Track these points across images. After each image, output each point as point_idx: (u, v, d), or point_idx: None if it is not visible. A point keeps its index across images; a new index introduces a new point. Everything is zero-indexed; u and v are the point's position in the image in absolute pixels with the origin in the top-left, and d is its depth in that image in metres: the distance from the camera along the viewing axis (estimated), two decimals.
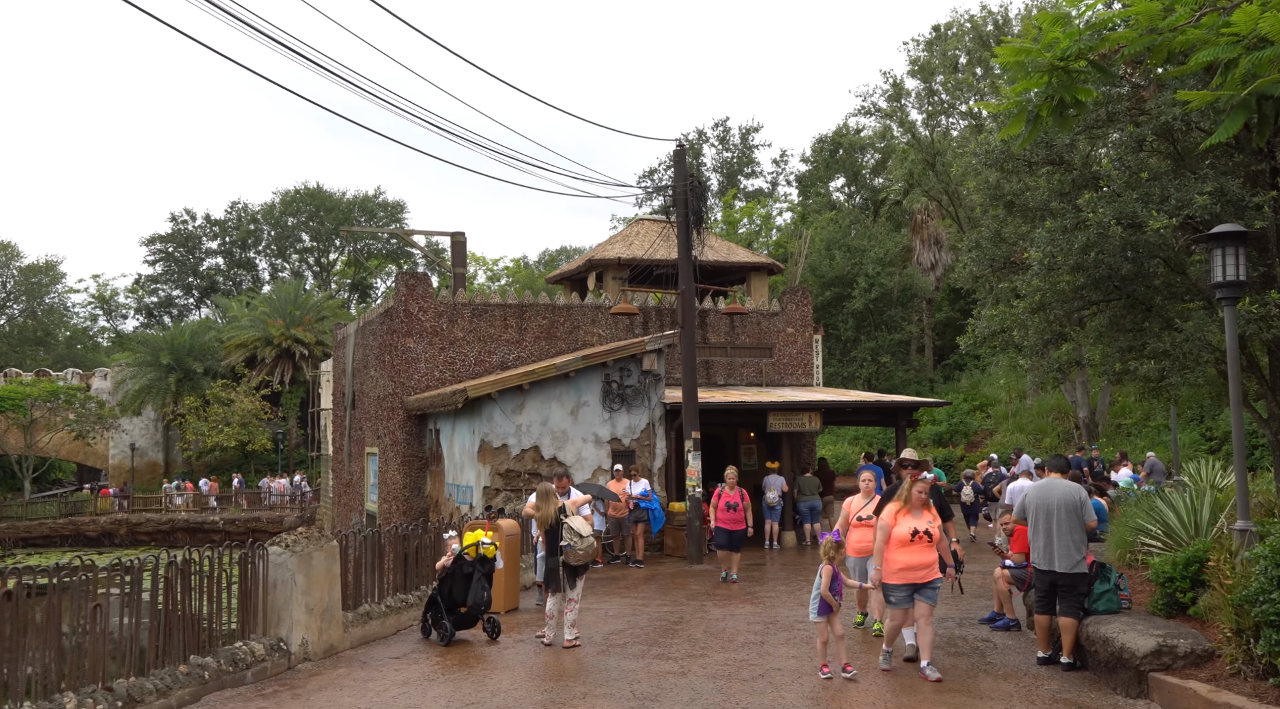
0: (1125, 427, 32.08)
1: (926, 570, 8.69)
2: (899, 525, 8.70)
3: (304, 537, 9.31)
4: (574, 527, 10.15)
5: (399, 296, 22.85)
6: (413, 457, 22.93)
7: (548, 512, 10.33)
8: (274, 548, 9.09)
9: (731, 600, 13.39)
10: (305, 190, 67.50)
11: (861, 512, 10.06)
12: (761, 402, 20.83)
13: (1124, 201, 10.98)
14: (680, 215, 18.14)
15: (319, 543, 9.42)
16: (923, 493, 8.83)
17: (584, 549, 10.12)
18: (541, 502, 10.43)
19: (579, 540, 10.10)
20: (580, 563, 10.20)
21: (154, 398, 52.84)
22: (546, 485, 10.65)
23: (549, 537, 10.32)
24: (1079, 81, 6.55)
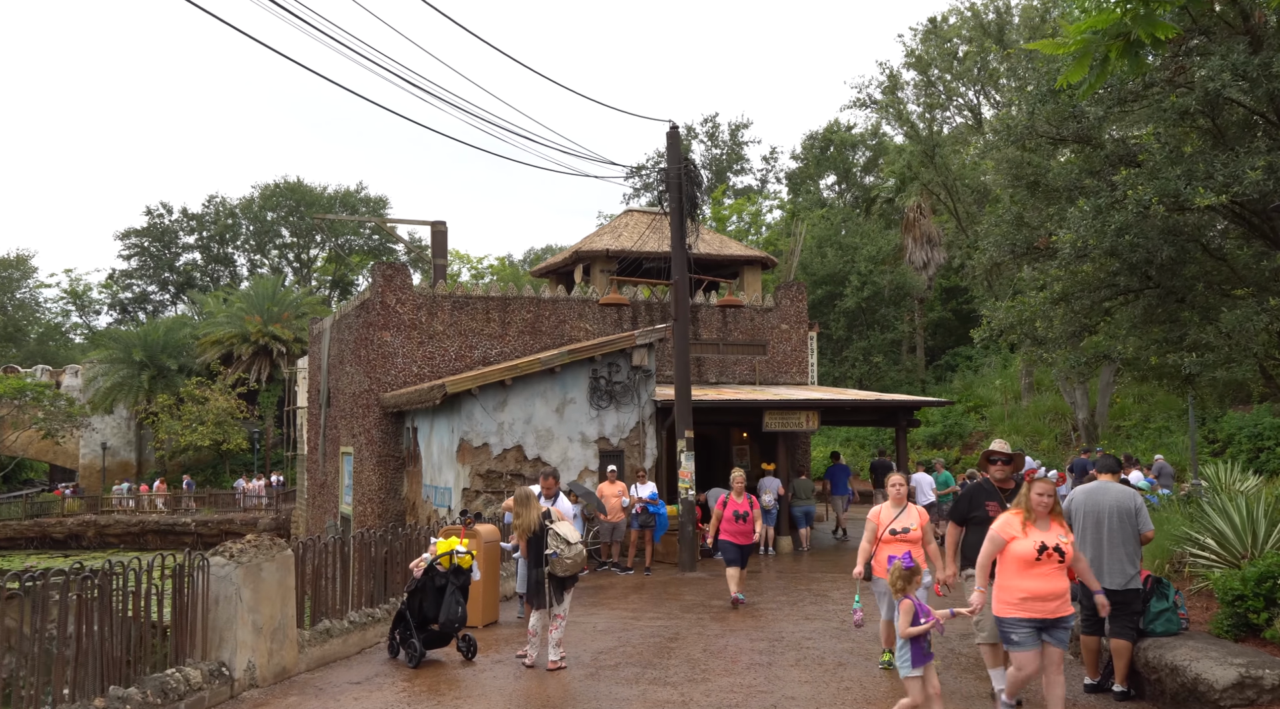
0: (1124, 429, 31.20)
1: (1058, 602, 6.58)
2: (1021, 539, 6.59)
3: (252, 545, 8.18)
4: (561, 533, 9.06)
5: (375, 288, 21.71)
6: (389, 456, 21.79)
7: (529, 518, 9.23)
8: (216, 559, 7.96)
9: (729, 614, 12.32)
10: (285, 184, 66.08)
11: (895, 524, 8.43)
12: (757, 400, 19.79)
13: (1166, 178, 9.98)
14: (674, 200, 17.08)
15: (269, 552, 8.29)
16: (1047, 497, 6.65)
17: (572, 558, 9.04)
18: (521, 507, 9.32)
19: (566, 548, 9.01)
20: (568, 574, 9.11)
21: (126, 396, 51.42)
22: (527, 489, 9.54)
23: (532, 545, 9.23)
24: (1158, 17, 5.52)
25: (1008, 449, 8.33)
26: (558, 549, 8.99)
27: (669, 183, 17.10)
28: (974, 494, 8.15)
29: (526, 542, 9.29)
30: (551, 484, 10.55)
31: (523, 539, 9.35)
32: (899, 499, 8.61)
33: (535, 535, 9.18)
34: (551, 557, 9.00)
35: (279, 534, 40.28)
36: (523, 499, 9.35)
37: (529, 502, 9.32)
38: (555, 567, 9.01)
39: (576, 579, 9.38)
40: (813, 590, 14.43)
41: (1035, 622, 6.56)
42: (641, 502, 16.46)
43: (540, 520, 9.20)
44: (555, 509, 9.53)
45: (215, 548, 8.16)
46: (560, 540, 9.02)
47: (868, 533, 8.62)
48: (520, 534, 9.34)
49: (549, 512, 9.38)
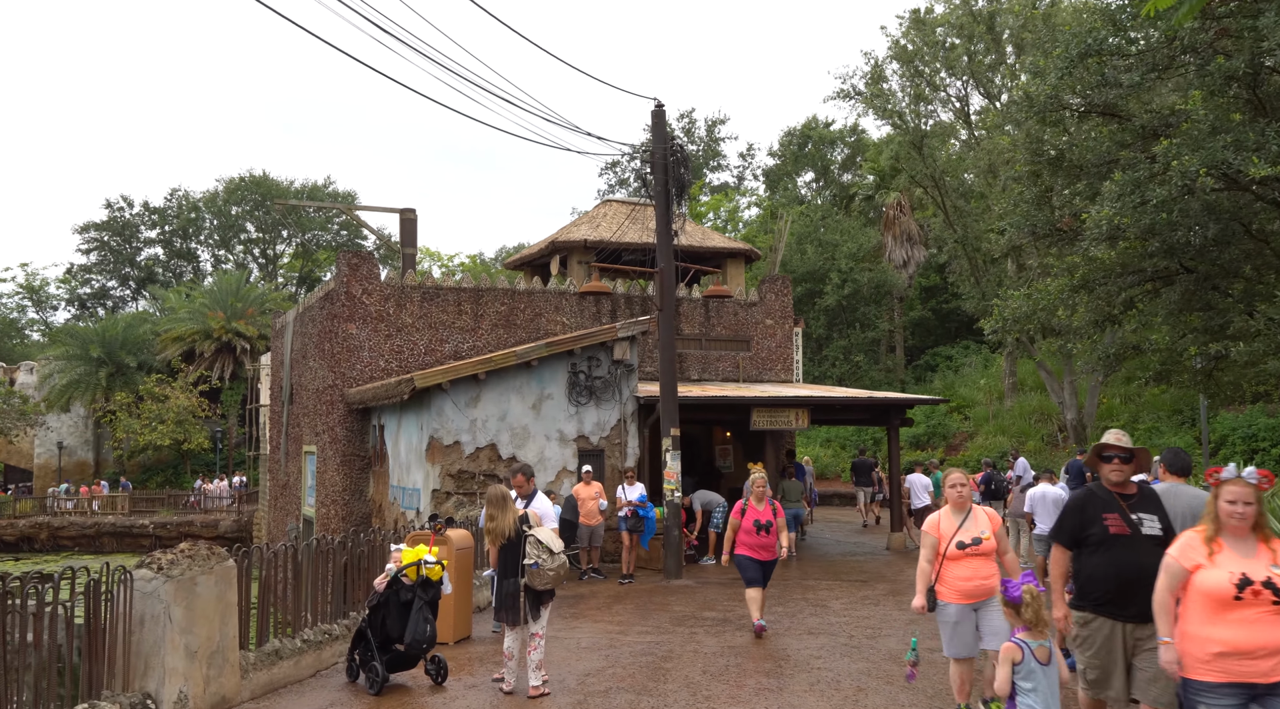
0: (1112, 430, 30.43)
1: (1271, 659, 4.67)
2: (1210, 570, 4.84)
3: (185, 555, 7.03)
4: (542, 540, 7.97)
5: (340, 277, 20.49)
6: (354, 455, 20.57)
7: (504, 522, 8.12)
8: (141, 572, 6.79)
9: (725, 628, 11.26)
10: (251, 178, 64.37)
11: (963, 534, 6.76)
12: (745, 397, 18.76)
13: (1212, 148, 9.03)
14: (659, 182, 16.02)
15: (206, 563, 7.14)
16: (1245, 507, 4.84)
17: (554, 569, 7.94)
18: (496, 509, 8.19)
19: (548, 557, 7.91)
20: (547, 587, 8.03)
21: (83, 393, 49.72)
22: (501, 488, 8.35)
23: (506, 554, 8.12)
24: None
25: (1127, 442, 6.28)
26: (538, 559, 7.90)
27: (654, 164, 16.05)
28: (1085, 505, 6.15)
29: (499, 549, 8.19)
30: (523, 482, 9.40)
31: (495, 546, 8.24)
32: (960, 502, 6.91)
33: (511, 542, 8.09)
34: (531, 568, 7.91)
35: (241, 537, 38.93)
36: (497, 500, 8.24)
37: (504, 503, 8.22)
38: (534, 579, 7.92)
39: (554, 593, 8.29)
40: (810, 600, 13.42)
41: (1239, 688, 4.72)
42: (631, 504, 15.34)
43: (517, 525, 8.12)
44: (533, 512, 8.42)
45: (142, 558, 6.99)
46: (541, 549, 7.93)
47: (927, 549, 6.88)
48: (493, 540, 8.23)
49: (526, 516, 8.28)
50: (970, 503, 6.97)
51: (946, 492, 7.01)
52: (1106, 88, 10.07)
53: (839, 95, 30.46)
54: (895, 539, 20.00)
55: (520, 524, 8.12)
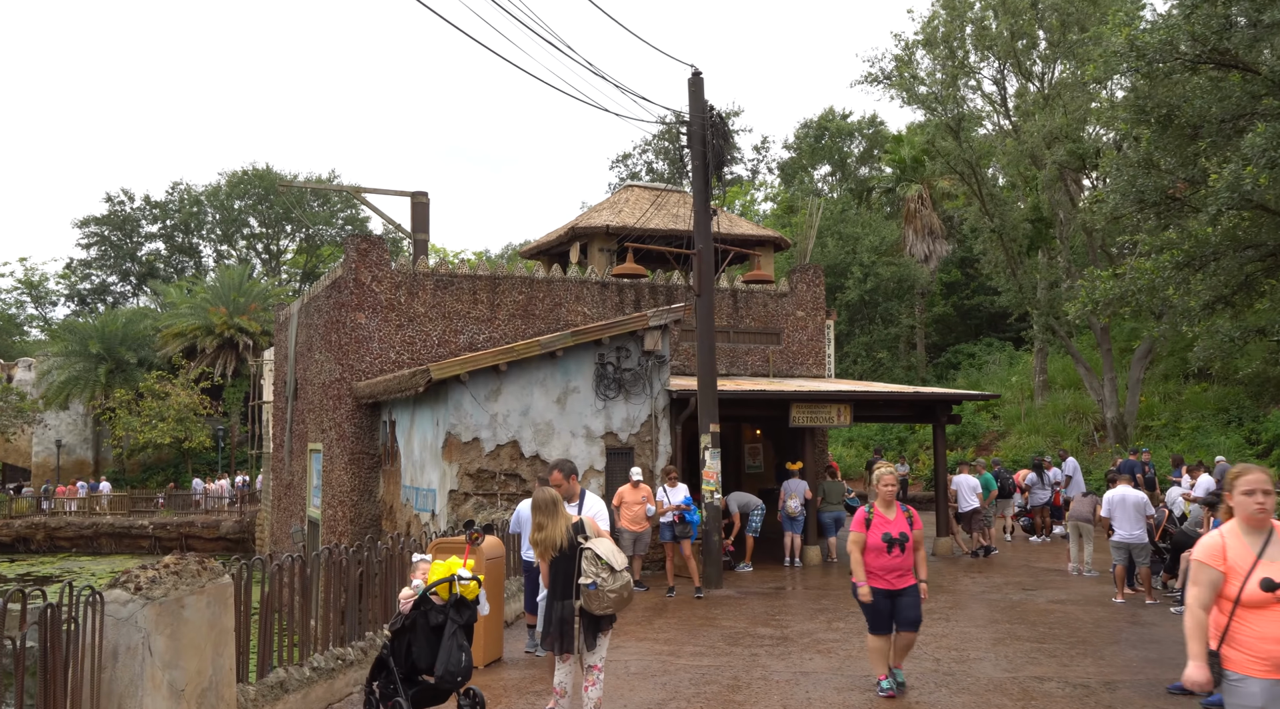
0: (1154, 429, 29.12)
1: None
2: None
3: (170, 571, 5.73)
4: (600, 554, 6.65)
5: (348, 263, 19.21)
6: (363, 453, 19.28)
7: (554, 532, 6.82)
8: (115, 593, 5.49)
9: (789, 649, 9.95)
10: (254, 172, 63.07)
11: (1271, 569, 4.37)
12: (784, 391, 17.45)
13: None
14: (696, 157, 14.72)
15: (195, 581, 5.84)
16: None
17: (616, 590, 6.61)
18: (545, 516, 6.88)
19: (608, 576, 6.59)
20: (607, 611, 6.70)
21: (82, 390, 48.47)
22: (551, 492, 7.03)
23: (557, 569, 6.83)
24: None
25: None
26: (596, 578, 6.59)
27: (691, 135, 14.75)
28: None
29: (550, 563, 6.89)
30: (562, 481, 7.92)
31: (545, 560, 6.94)
32: (1259, 520, 4.51)
33: (563, 556, 6.79)
34: (588, 589, 6.60)
35: (243, 538, 37.67)
36: (546, 506, 6.93)
37: (554, 510, 6.91)
38: (591, 602, 6.60)
39: (615, 618, 6.98)
40: None
41: None
42: (675, 509, 13.93)
43: (570, 536, 6.82)
44: (589, 519, 7.09)
45: (117, 576, 5.69)
46: (600, 566, 6.61)
47: (1203, 589, 4.55)
48: (542, 553, 6.93)
49: (581, 523, 6.97)
50: (1272, 520, 4.55)
51: (1238, 502, 4.60)
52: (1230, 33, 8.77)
53: (866, 79, 29.05)
54: (942, 544, 18.68)
55: (574, 534, 6.82)
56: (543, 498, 6.96)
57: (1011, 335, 45.79)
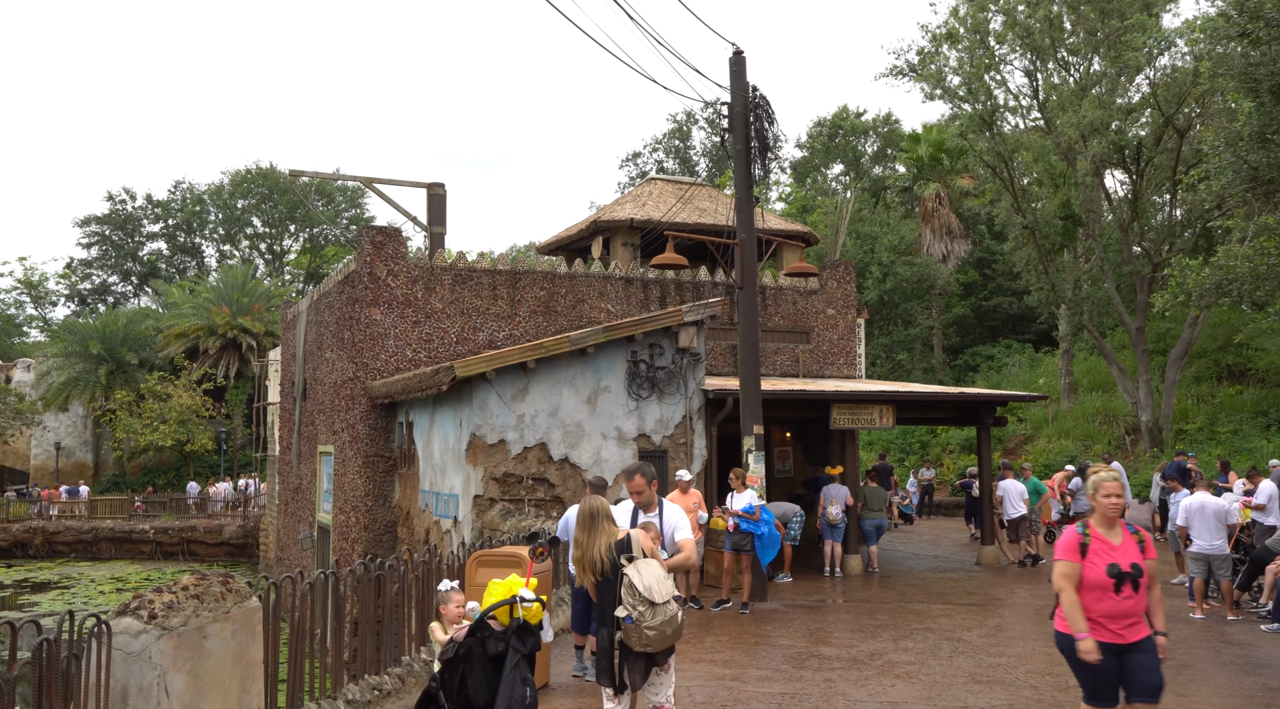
0: (1189, 433, 28.18)
1: None
2: None
3: (190, 594, 4.81)
4: (638, 584, 5.55)
5: (363, 256, 18.30)
6: (377, 456, 18.36)
7: (592, 552, 5.79)
8: (125, 622, 4.57)
9: (863, 672, 9.02)
10: (257, 170, 62.20)
11: None
12: (825, 391, 16.55)
13: None
14: (738, 139, 13.83)
15: (219, 605, 4.92)
16: None
17: (656, 626, 5.53)
18: (584, 531, 5.84)
19: (646, 610, 5.50)
20: (647, 649, 5.61)
21: (82, 392, 47.57)
22: (595, 502, 5.95)
23: (602, 593, 5.81)
24: None
25: None
26: (634, 611, 5.50)
27: (733, 117, 13.85)
28: None
29: (594, 586, 5.89)
30: (643, 487, 6.73)
31: (586, 578, 5.94)
32: None
33: (606, 581, 5.76)
34: (626, 622, 5.54)
35: (247, 543, 36.74)
36: (585, 520, 5.87)
37: (594, 524, 5.83)
38: (630, 638, 5.56)
39: (674, 649, 5.96)
40: (935, 630, 11.19)
41: None
42: (737, 516, 12.78)
43: (609, 557, 5.76)
44: (639, 536, 5.89)
45: (126, 602, 4.77)
46: (637, 597, 5.51)
47: None
48: (581, 574, 5.94)
49: (627, 540, 5.83)
50: None
51: None
52: None
53: (891, 72, 28.15)
54: (987, 554, 17.75)
55: (615, 555, 5.75)
56: (584, 510, 5.93)
57: (1030, 337, 44.90)
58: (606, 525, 5.87)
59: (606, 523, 5.88)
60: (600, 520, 5.86)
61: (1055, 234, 26.42)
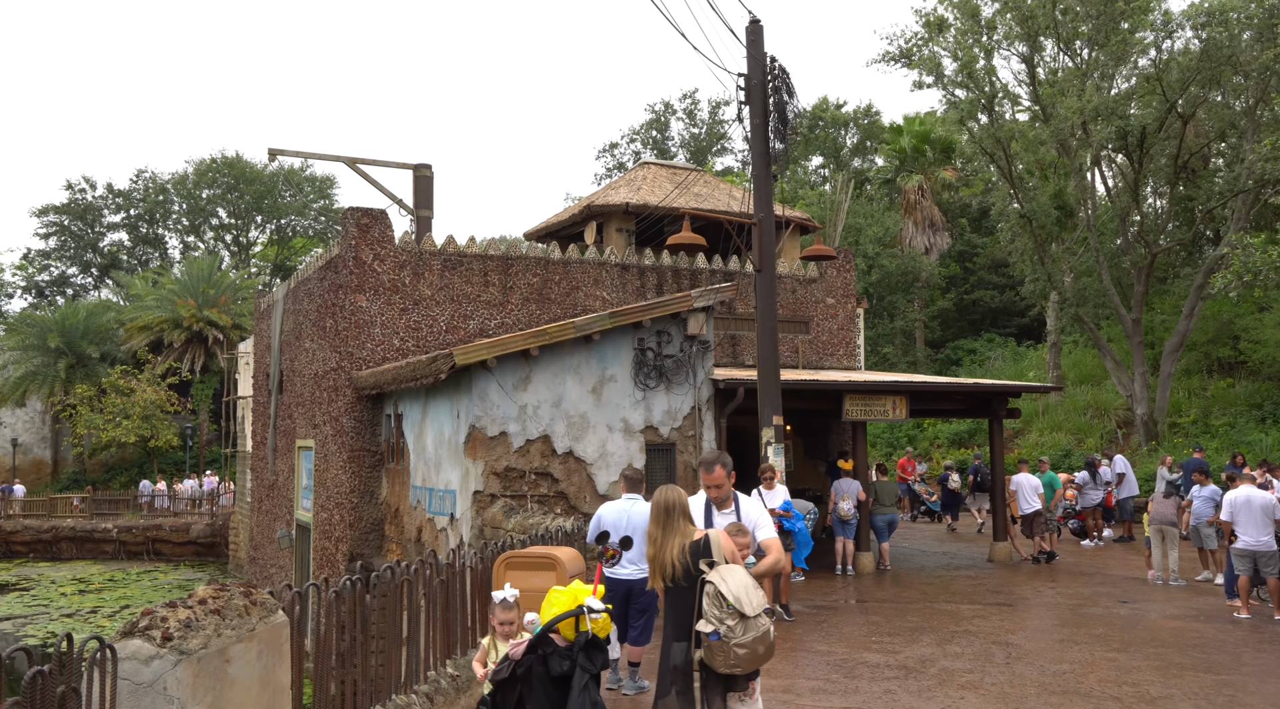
0: (1183, 426, 27.82)
1: None
2: None
3: (210, 609, 3.95)
4: (725, 592, 4.72)
5: (348, 240, 17.36)
6: (363, 450, 17.42)
7: (668, 553, 4.98)
8: (134, 645, 3.71)
9: (923, 680, 8.29)
10: (223, 159, 60.55)
11: None
12: (838, 381, 15.86)
13: None
14: (756, 115, 13.04)
15: (243, 622, 4.07)
16: None
17: (748, 644, 4.70)
18: (659, 528, 5.04)
19: (736, 625, 4.69)
20: (734, 669, 4.76)
21: (40, 386, 45.93)
22: (672, 493, 5.12)
23: (673, 602, 5.01)
24: None
25: None
26: (719, 626, 4.69)
27: (750, 90, 13.05)
28: None
29: (665, 594, 5.08)
30: (723, 480, 5.82)
31: (657, 581, 5.14)
32: None
33: (678, 588, 4.96)
34: (710, 639, 4.71)
35: (215, 541, 35.50)
36: (660, 514, 5.06)
37: (670, 520, 5.03)
38: (714, 657, 4.73)
39: (759, 673, 5.10)
40: (975, 633, 10.51)
41: None
42: (774, 515, 11.94)
43: (687, 561, 4.96)
44: (719, 537, 5.01)
45: (134, 619, 3.90)
46: (724, 608, 4.70)
47: None
48: (654, 576, 5.15)
49: (706, 542, 4.97)
50: None
51: None
52: None
53: (884, 58, 27.51)
54: (999, 550, 17.13)
55: (693, 559, 4.93)
56: (660, 503, 5.09)
57: (1012, 331, 44.61)
58: (683, 524, 5.05)
59: (683, 521, 5.06)
60: (676, 517, 5.05)
61: (1051, 223, 25.92)
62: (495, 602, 5.43)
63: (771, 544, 5.70)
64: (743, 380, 14.93)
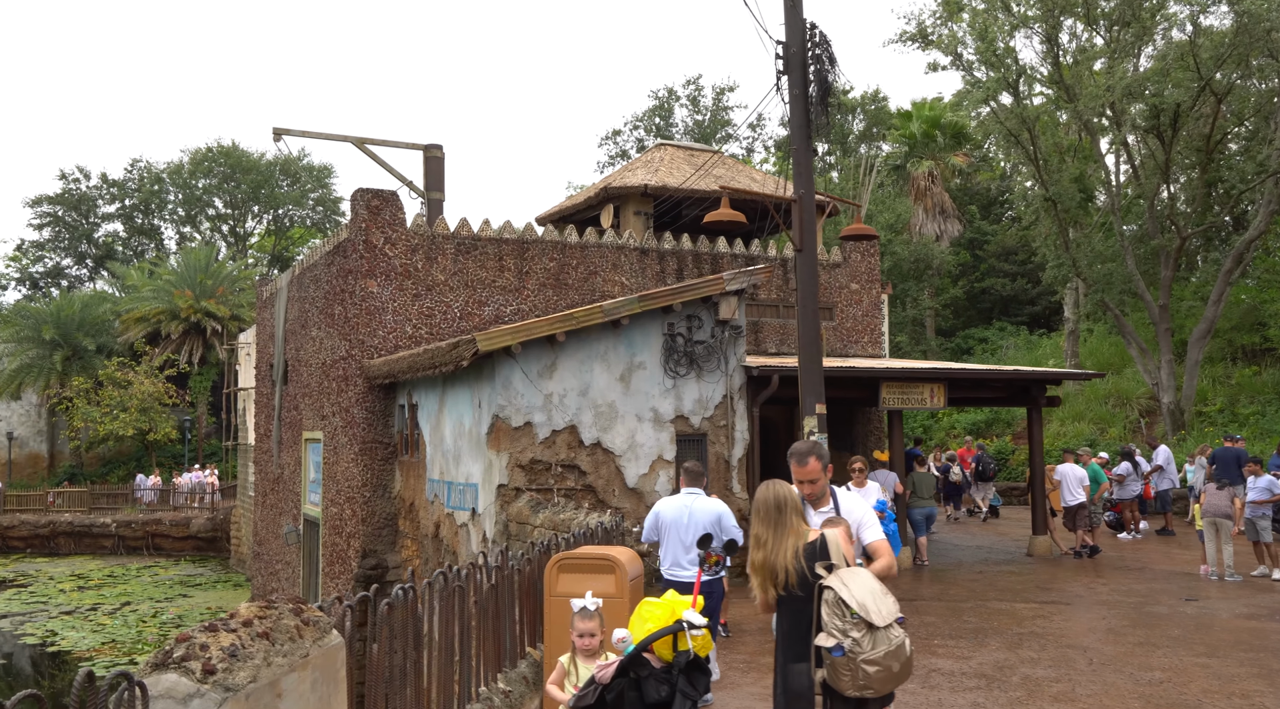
0: (1208, 414, 27.18)
1: None
2: None
3: (258, 632, 3.24)
4: (851, 599, 4.02)
5: (358, 222, 16.61)
6: (375, 442, 16.68)
7: (780, 554, 4.27)
8: (167, 680, 3.00)
9: (1009, 691, 7.60)
10: (219, 149, 59.64)
11: None
12: (875, 369, 15.17)
13: None
14: (795, 85, 12.30)
15: (296, 648, 3.36)
16: None
17: (880, 661, 3.99)
18: (766, 527, 4.34)
19: (863, 637, 3.99)
20: (866, 692, 4.04)
21: (35, 379, 45.11)
22: (778, 489, 4.42)
23: (786, 613, 4.31)
24: None
25: None
26: (844, 640, 4.01)
27: (788, 59, 12.31)
28: None
29: (777, 604, 4.38)
30: (818, 473, 5.14)
31: (764, 590, 4.41)
32: None
33: (792, 597, 4.26)
34: (833, 655, 4.02)
35: (216, 536, 34.76)
36: (769, 511, 4.35)
37: (781, 518, 4.32)
38: (839, 677, 4.00)
39: (893, 696, 4.41)
40: (1042, 635, 9.82)
41: None
42: None
43: (801, 564, 4.26)
44: (834, 536, 4.34)
45: (166, 647, 3.18)
46: (848, 617, 4.01)
47: None
48: (760, 583, 4.41)
49: (822, 543, 4.30)
50: None
51: None
52: None
53: (902, 38, 26.76)
54: (1039, 544, 16.45)
55: (808, 562, 4.24)
56: (769, 499, 4.37)
57: (1024, 320, 43.95)
58: (796, 522, 4.34)
59: (796, 519, 4.35)
60: (789, 515, 4.33)
61: (1075, 206, 25.22)
62: (574, 611, 4.72)
63: (880, 547, 5.00)
64: (776, 368, 14.24)
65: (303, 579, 19.93)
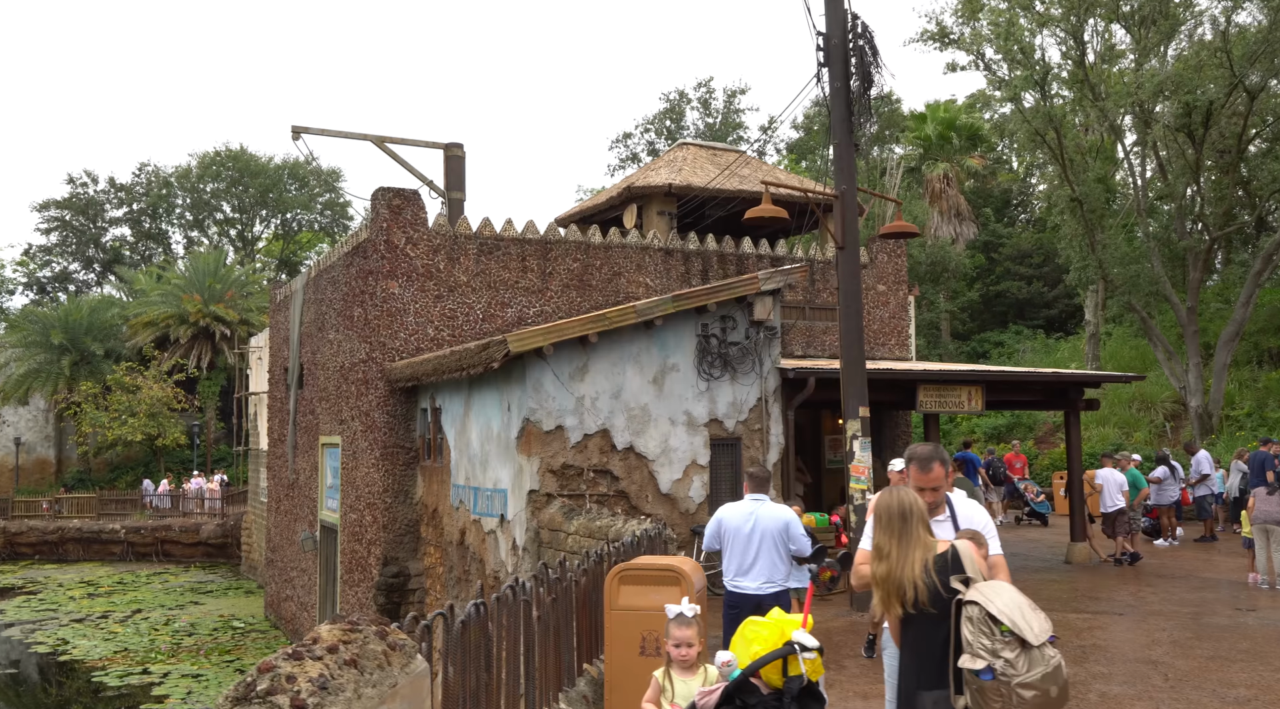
0: (1236, 418, 26.75)
1: None
2: None
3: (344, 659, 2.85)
4: (995, 613, 3.61)
5: (378, 222, 16.23)
6: (397, 447, 16.28)
7: (908, 567, 3.90)
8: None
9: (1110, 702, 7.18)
10: (227, 152, 59.41)
11: None
12: (912, 371, 14.77)
13: None
14: (836, 78, 11.92)
15: (385, 677, 2.97)
16: None
17: (1038, 684, 3.55)
18: (889, 537, 3.97)
19: (1017, 658, 3.58)
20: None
21: (43, 384, 44.79)
22: (902, 497, 4.05)
23: (914, 633, 3.94)
24: None
25: None
26: (997, 661, 3.58)
27: (829, 51, 11.92)
28: None
29: (901, 624, 4.01)
30: (941, 477, 4.72)
31: (891, 612, 4.03)
32: None
33: (923, 615, 3.88)
34: (981, 678, 3.62)
35: (226, 543, 34.37)
36: (892, 519, 3.99)
37: (906, 527, 3.96)
38: (990, 705, 3.58)
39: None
40: (1105, 648, 9.42)
41: None
42: None
43: (931, 580, 3.87)
44: (966, 547, 3.93)
45: (250, 674, 2.80)
46: (998, 636, 3.60)
47: None
48: (884, 599, 4.04)
49: (954, 556, 3.89)
50: None
51: None
52: None
53: (923, 37, 26.39)
54: (1078, 551, 16.01)
55: (942, 576, 3.87)
56: (892, 506, 4.02)
57: (1040, 323, 43.51)
58: (922, 533, 3.95)
59: (922, 530, 3.95)
60: (914, 525, 3.95)
61: (1100, 206, 24.81)
62: (669, 618, 4.33)
63: (999, 562, 4.59)
64: (811, 369, 13.84)
65: (319, 587, 19.54)
